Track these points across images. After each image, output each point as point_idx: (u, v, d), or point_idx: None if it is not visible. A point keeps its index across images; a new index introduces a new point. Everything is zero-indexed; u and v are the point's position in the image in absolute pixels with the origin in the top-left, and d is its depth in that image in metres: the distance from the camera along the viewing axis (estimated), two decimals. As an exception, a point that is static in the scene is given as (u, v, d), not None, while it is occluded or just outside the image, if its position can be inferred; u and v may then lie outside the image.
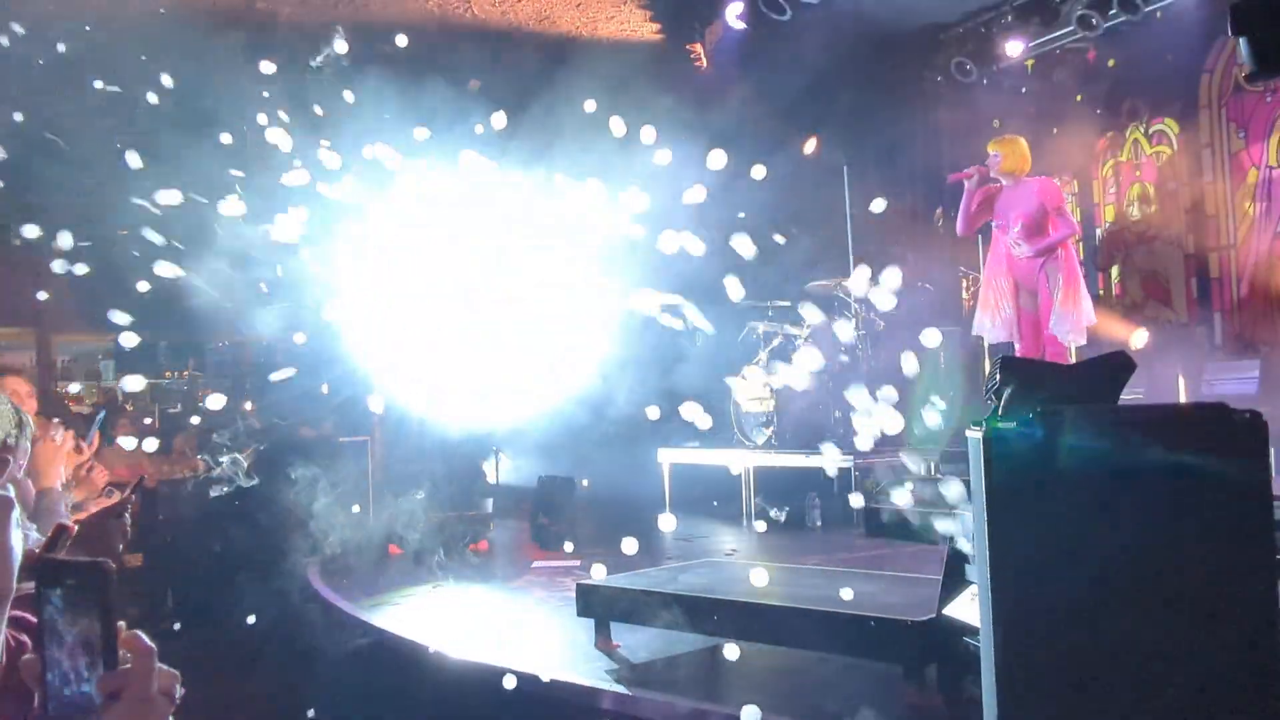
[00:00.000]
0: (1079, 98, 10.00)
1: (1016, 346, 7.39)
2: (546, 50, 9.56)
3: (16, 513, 1.38)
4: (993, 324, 7.44)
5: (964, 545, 3.23)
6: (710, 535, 8.07)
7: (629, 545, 5.01)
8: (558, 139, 7.14)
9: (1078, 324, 7.06)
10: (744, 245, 4.61)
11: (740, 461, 8.83)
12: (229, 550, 8.19)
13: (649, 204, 5.48)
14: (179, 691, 1.22)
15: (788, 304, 9.20)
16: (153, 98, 5.91)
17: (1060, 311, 7.05)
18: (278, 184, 5.44)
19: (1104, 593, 2.09)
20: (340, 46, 7.44)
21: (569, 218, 5.89)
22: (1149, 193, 9.53)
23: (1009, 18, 9.50)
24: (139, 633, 1.20)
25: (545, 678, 4.08)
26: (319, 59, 8.26)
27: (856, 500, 7.07)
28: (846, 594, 3.69)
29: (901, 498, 7.20)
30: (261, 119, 5.54)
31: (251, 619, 4.67)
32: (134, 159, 5.11)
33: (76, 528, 3.26)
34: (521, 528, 8.92)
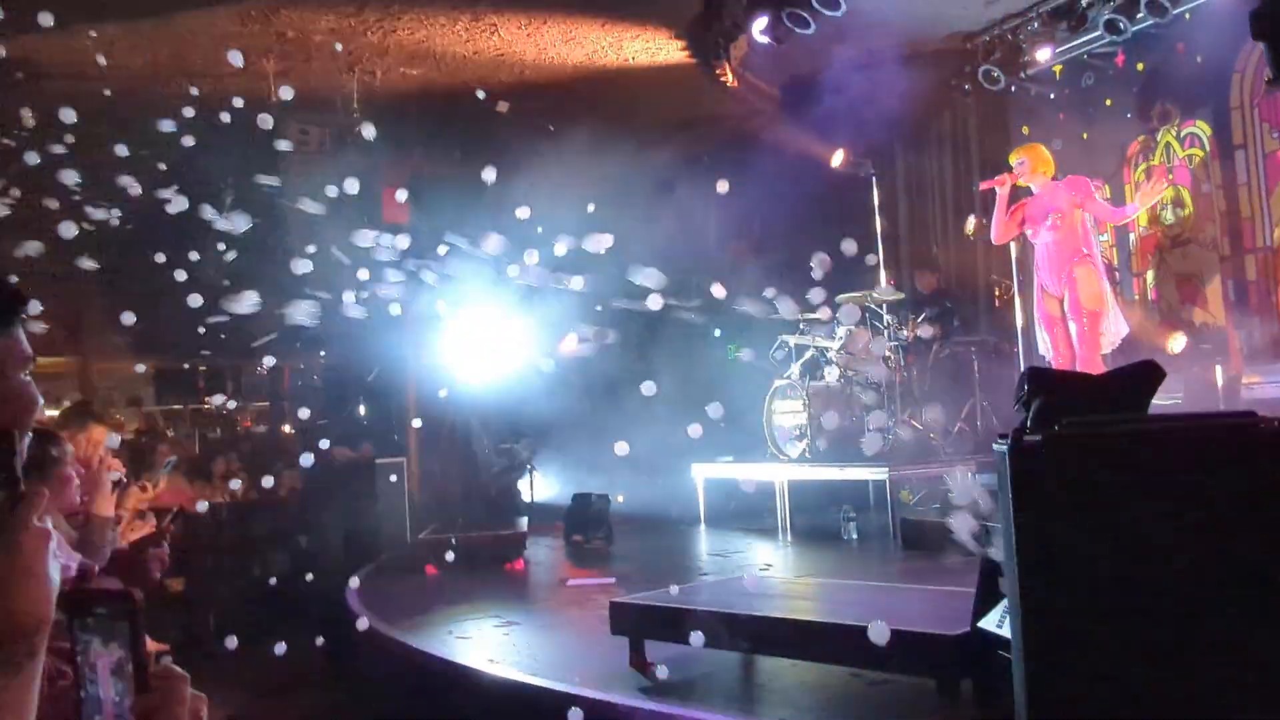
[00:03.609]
0: (1109, 102, 9.93)
1: (1050, 356, 7.37)
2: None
3: (54, 543, 1.42)
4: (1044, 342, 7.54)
5: (998, 557, 3.20)
6: (745, 550, 8.04)
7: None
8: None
9: (1111, 335, 7.11)
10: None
11: (774, 475, 8.80)
12: (269, 573, 8.28)
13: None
14: (205, 713, 1.26)
15: (819, 317, 9.17)
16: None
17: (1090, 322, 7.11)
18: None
19: (1132, 605, 2.08)
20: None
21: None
22: (1182, 196, 9.43)
23: (1036, 24, 9.46)
24: (171, 664, 1.24)
25: (580, 695, 4.09)
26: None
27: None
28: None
29: (937, 510, 7.17)
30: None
31: (290, 643, 4.72)
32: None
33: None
34: (556, 546, 8.95)
